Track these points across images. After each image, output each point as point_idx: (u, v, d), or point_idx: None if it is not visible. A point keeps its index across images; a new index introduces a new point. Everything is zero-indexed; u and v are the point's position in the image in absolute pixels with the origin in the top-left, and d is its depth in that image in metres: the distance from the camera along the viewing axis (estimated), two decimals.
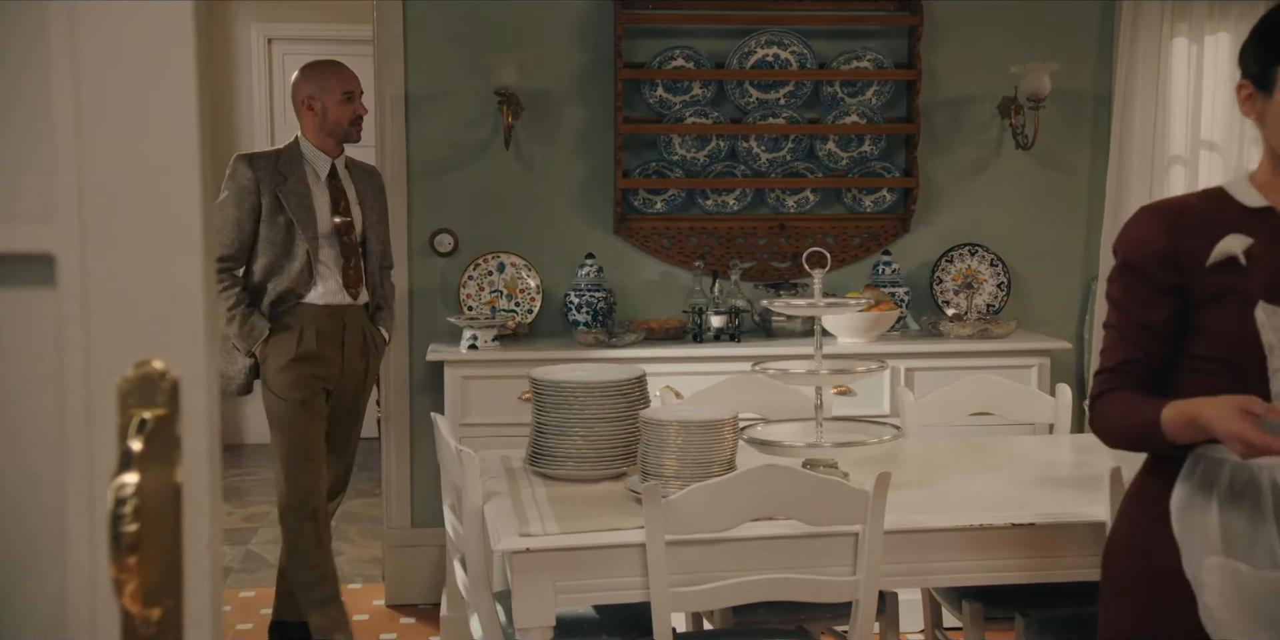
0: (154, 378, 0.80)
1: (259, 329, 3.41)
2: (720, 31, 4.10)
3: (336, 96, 3.45)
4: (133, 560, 0.79)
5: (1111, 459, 2.45)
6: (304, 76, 3.50)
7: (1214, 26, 4.14)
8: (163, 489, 0.81)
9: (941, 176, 4.19)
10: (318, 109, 3.44)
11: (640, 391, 2.51)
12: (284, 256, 3.39)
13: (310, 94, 3.45)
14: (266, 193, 3.36)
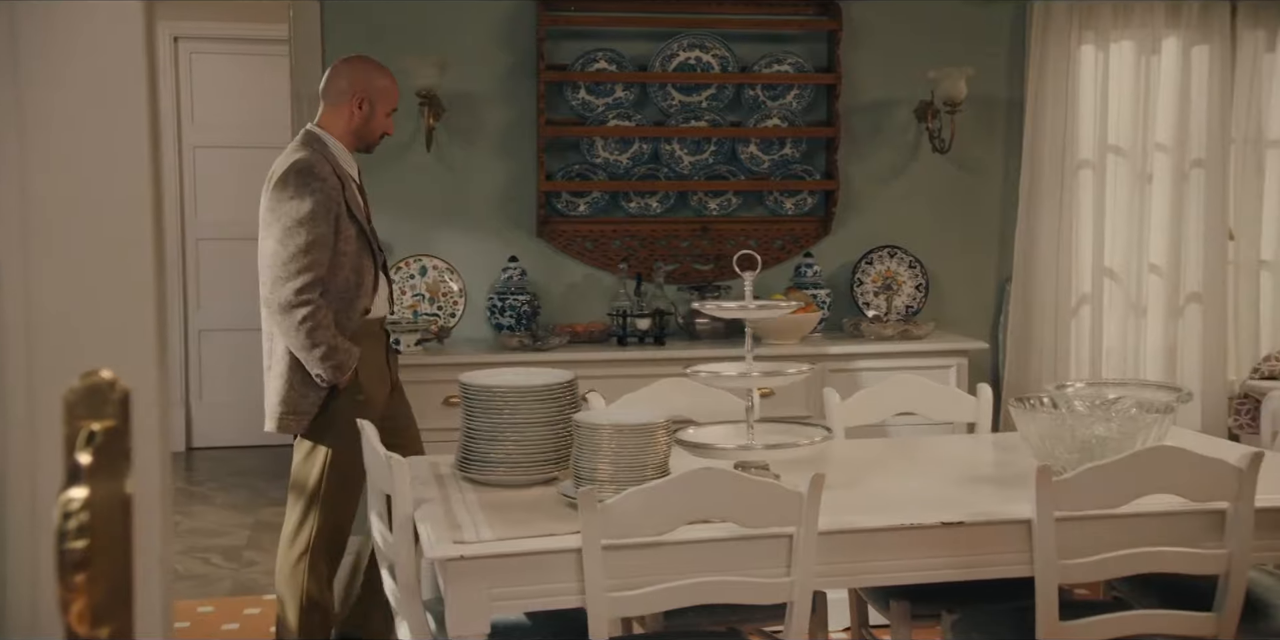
0: (102, 388, 0.77)
1: (353, 356, 3.00)
2: (643, 34, 4.10)
3: (387, 108, 3.15)
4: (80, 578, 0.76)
5: (1034, 457, 2.50)
6: (366, 72, 3.13)
7: (1118, 34, 4.26)
8: (112, 503, 0.78)
9: (861, 179, 4.25)
10: (364, 112, 3.10)
11: (571, 395, 2.49)
12: (354, 272, 3.01)
13: (368, 95, 3.10)
14: (338, 197, 2.98)
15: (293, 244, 2.92)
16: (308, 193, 2.93)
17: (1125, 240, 4.30)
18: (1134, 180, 4.29)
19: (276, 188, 2.98)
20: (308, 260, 2.92)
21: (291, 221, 2.93)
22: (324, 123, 3.14)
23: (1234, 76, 4.31)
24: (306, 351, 2.95)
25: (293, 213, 2.93)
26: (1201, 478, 2.20)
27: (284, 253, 2.93)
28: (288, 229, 2.93)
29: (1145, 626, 2.30)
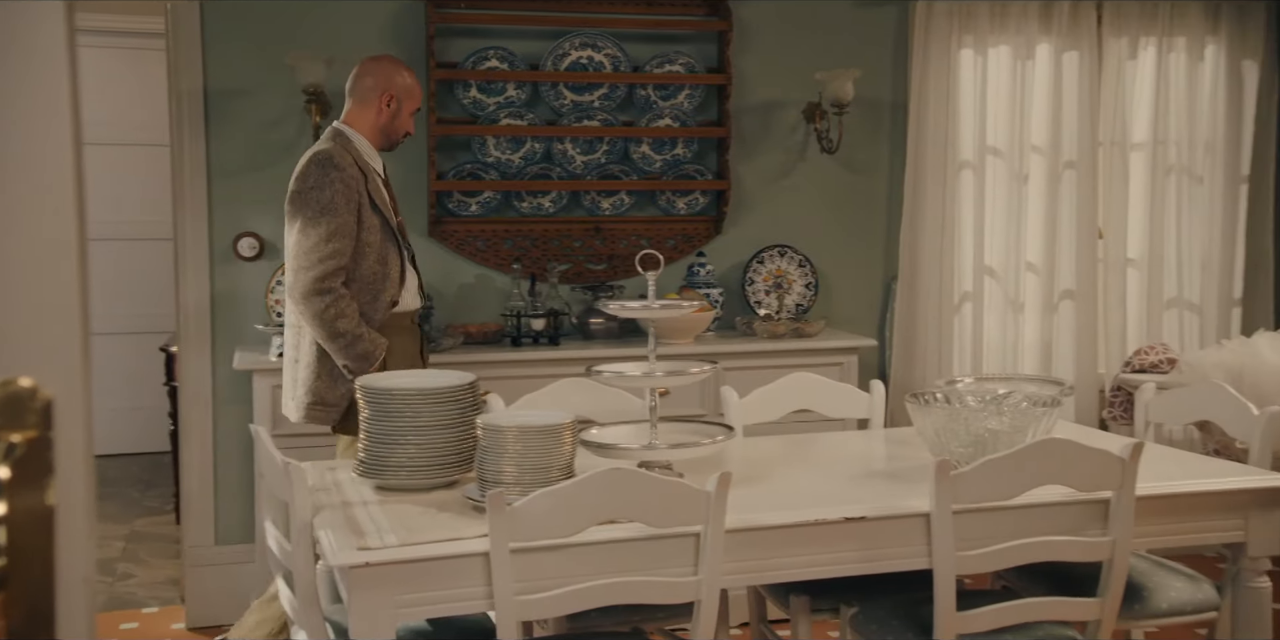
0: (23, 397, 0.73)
1: (379, 347, 3.00)
2: (534, 33, 4.08)
3: (412, 107, 3.20)
4: None
5: (929, 452, 2.57)
6: (394, 70, 3.18)
7: (995, 40, 4.39)
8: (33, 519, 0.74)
9: (752, 179, 4.30)
10: (391, 109, 3.15)
11: (473, 397, 2.46)
12: (379, 262, 3.02)
13: (396, 93, 3.15)
14: (361, 189, 3.01)
15: (314, 233, 2.95)
16: (327, 183, 2.96)
17: (1004, 239, 4.44)
18: (1011, 181, 4.43)
19: (298, 179, 3.02)
20: (329, 249, 2.94)
21: (313, 211, 2.96)
22: (350, 119, 3.17)
23: (1101, 82, 4.49)
24: (330, 341, 2.97)
25: (314, 202, 2.96)
26: (1088, 468, 2.29)
27: (306, 242, 2.96)
28: (310, 218, 2.96)
29: (1036, 613, 2.37)
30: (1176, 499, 2.45)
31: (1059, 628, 2.46)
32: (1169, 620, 2.69)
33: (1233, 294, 4.65)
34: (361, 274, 3.02)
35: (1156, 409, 3.02)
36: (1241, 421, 2.78)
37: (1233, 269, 4.63)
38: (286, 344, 3.17)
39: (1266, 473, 2.58)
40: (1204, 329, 4.62)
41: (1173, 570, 2.81)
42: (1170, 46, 4.52)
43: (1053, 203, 4.45)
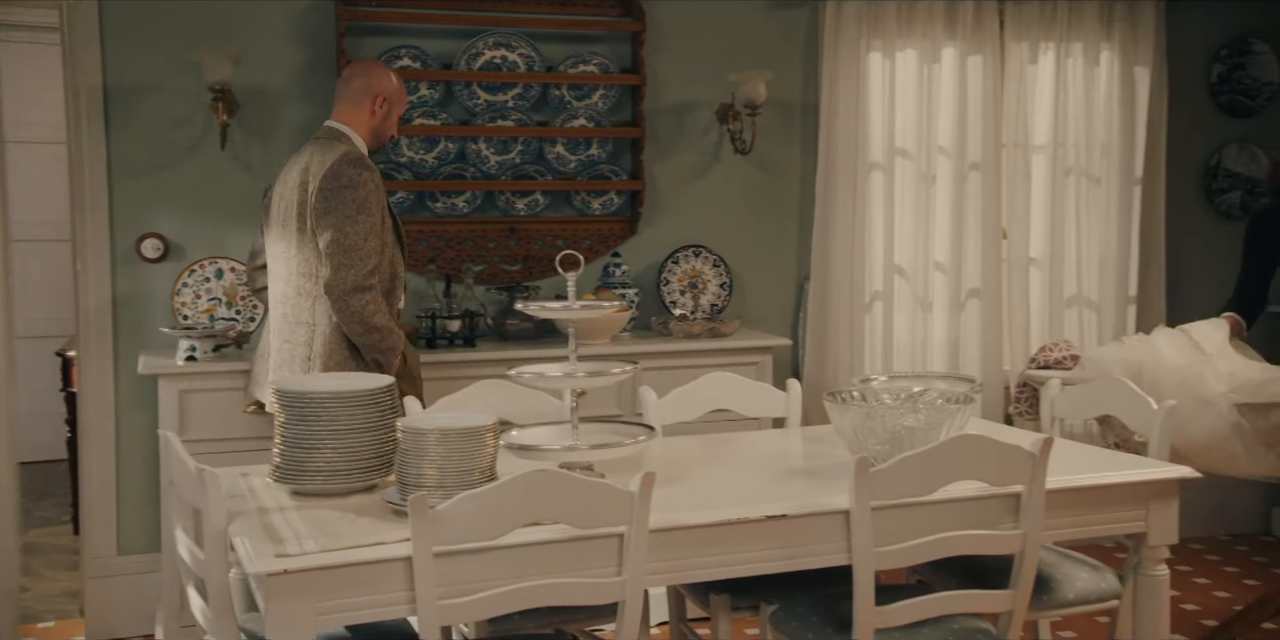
0: None
1: (402, 339, 3.13)
2: (447, 32, 4.05)
3: (400, 111, 3.29)
4: None
5: (846, 449, 2.61)
6: (383, 73, 3.25)
7: (903, 43, 4.47)
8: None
9: (666, 180, 4.32)
10: (382, 112, 3.22)
11: (391, 400, 2.43)
12: (393, 262, 3.12)
13: (388, 96, 3.23)
14: (384, 192, 3.11)
15: (353, 231, 3.01)
16: (360, 182, 3.03)
17: (912, 239, 4.52)
18: (919, 182, 4.51)
19: (329, 177, 3.04)
20: (369, 246, 3.02)
21: (351, 208, 3.01)
22: (345, 120, 3.22)
23: (1003, 86, 4.60)
24: (366, 335, 3.04)
25: (349, 200, 3.01)
26: (1001, 464, 2.34)
27: (345, 240, 3.01)
28: (348, 216, 3.01)
29: (951, 607, 2.42)
30: (1083, 492, 2.52)
31: (972, 620, 2.52)
32: (1075, 609, 2.77)
33: (1128, 292, 4.80)
34: (381, 273, 3.09)
35: (1061, 404, 3.10)
36: (1141, 416, 2.88)
37: (1128, 268, 4.78)
38: (275, 336, 3.17)
39: (1165, 465, 2.67)
40: (1102, 326, 4.76)
41: (1078, 561, 2.89)
42: (1068, 52, 4.64)
43: (959, 203, 4.54)
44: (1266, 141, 4.99)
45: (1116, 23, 4.66)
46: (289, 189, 3.15)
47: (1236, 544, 4.95)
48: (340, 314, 3.03)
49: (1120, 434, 3.43)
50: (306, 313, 3.11)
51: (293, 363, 3.12)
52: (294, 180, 3.14)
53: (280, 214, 3.18)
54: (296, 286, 3.12)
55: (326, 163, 3.07)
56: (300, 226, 3.09)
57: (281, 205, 3.18)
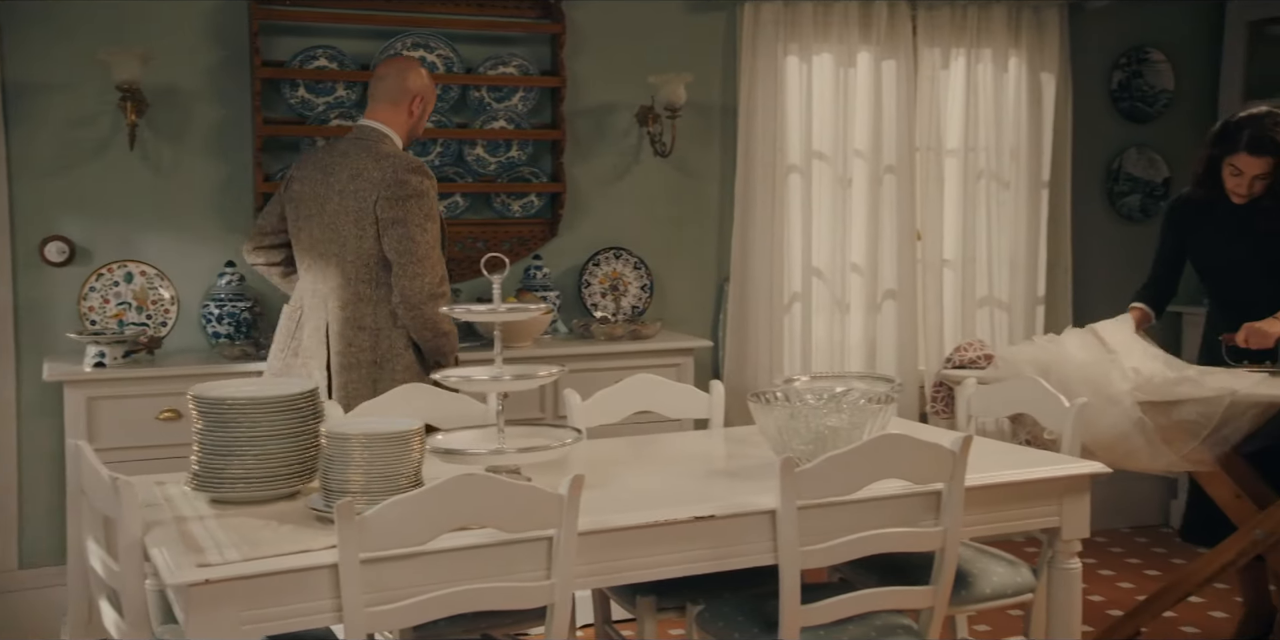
0: None
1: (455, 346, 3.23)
2: (365, 32, 4.00)
3: (430, 110, 3.30)
4: None
5: (771, 450, 2.63)
6: (420, 72, 3.26)
7: (819, 47, 4.53)
8: None
9: (586, 182, 4.32)
10: (419, 112, 3.24)
11: (314, 405, 2.40)
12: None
13: (424, 96, 3.25)
14: None
15: (424, 240, 3.06)
16: (425, 190, 3.08)
17: (830, 241, 4.58)
18: (835, 184, 4.58)
19: (396, 186, 3.06)
20: (437, 254, 3.09)
21: (420, 217, 3.06)
22: (385, 120, 3.21)
23: (916, 90, 4.68)
24: (436, 338, 3.12)
25: (418, 209, 3.06)
26: (922, 462, 2.39)
27: (418, 249, 3.06)
28: (418, 225, 3.06)
29: (875, 604, 2.46)
30: (1001, 488, 2.58)
31: (894, 616, 2.56)
32: (992, 603, 2.83)
33: (1037, 292, 4.92)
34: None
35: (977, 403, 3.17)
36: (1054, 413, 2.95)
37: (1036, 269, 4.90)
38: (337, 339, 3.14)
39: (1078, 461, 2.74)
40: (1012, 326, 4.88)
41: (993, 556, 2.96)
42: (978, 57, 4.75)
43: (875, 206, 4.62)
44: (1163, 146, 5.16)
45: (1023, 30, 4.78)
46: (336, 192, 3.12)
47: (1137, 536, 5.11)
48: (413, 320, 3.08)
49: (1031, 431, 3.51)
50: (369, 318, 3.13)
51: (360, 367, 3.13)
52: (344, 184, 3.11)
53: (328, 217, 3.14)
54: (356, 292, 3.11)
55: (386, 169, 3.07)
56: (359, 232, 3.08)
57: (328, 208, 3.13)
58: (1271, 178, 3.34)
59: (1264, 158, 3.32)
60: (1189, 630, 3.97)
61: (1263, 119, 3.35)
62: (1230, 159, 3.39)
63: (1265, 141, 3.30)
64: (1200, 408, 3.17)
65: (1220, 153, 3.42)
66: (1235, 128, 3.39)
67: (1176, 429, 3.19)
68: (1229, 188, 3.44)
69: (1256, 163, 3.33)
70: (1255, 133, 3.32)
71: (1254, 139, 3.32)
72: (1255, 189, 3.39)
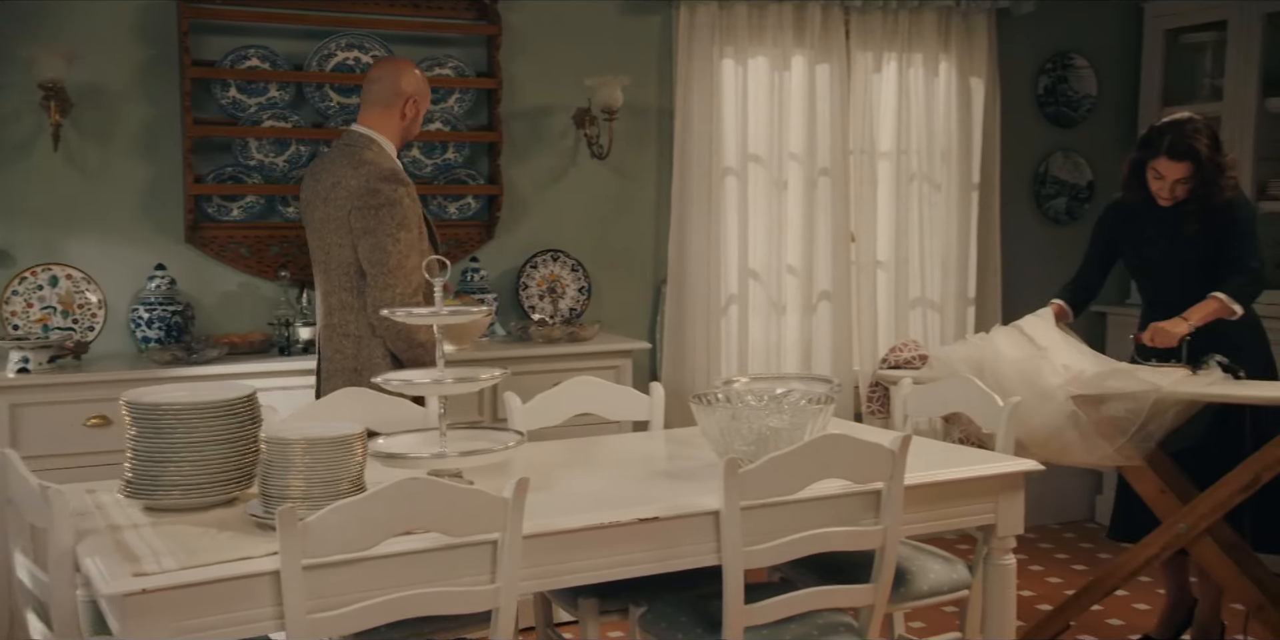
0: None
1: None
2: (297, 32, 3.95)
3: (425, 109, 3.27)
4: None
5: (713, 451, 2.65)
6: (413, 73, 3.23)
7: (754, 51, 4.56)
8: None
9: (524, 184, 4.30)
10: (412, 114, 3.20)
11: (252, 410, 2.36)
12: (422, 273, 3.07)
13: (417, 97, 3.21)
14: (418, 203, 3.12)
15: (395, 250, 3.03)
16: (398, 198, 3.03)
17: (765, 243, 4.62)
18: (771, 187, 4.61)
19: (367, 196, 3.03)
20: (410, 264, 3.04)
21: (391, 226, 3.02)
22: (375, 124, 3.18)
23: (850, 93, 4.74)
24: (412, 351, 3.09)
25: (389, 218, 3.02)
26: (863, 461, 2.42)
27: (389, 260, 3.03)
28: (389, 234, 3.02)
29: (817, 602, 2.48)
30: (939, 487, 2.62)
31: (835, 614, 2.58)
32: (930, 600, 2.88)
33: (967, 293, 5.01)
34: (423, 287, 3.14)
35: (914, 403, 3.21)
36: (988, 412, 3.00)
37: (967, 270, 4.99)
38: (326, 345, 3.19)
39: (1013, 458, 2.79)
40: (944, 326, 4.96)
41: (930, 554, 3.00)
42: (909, 62, 4.81)
43: (809, 208, 4.66)
44: (1088, 150, 5.27)
45: (953, 35, 4.86)
46: (321, 200, 3.14)
47: (1065, 532, 5.21)
48: (387, 331, 3.07)
49: (966, 429, 3.57)
50: (352, 325, 3.14)
51: (342, 374, 3.14)
52: (327, 192, 3.12)
53: (315, 224, 3.17)
54: (340, 299, 3.11)
55: (361, 177, 3.05)
56: (339, 241, 3.09)
57: (316, 215, 3.17)
58: (1193, 182, 3.43)
59: (1183, 162, 3.41)
60: (1114, 622, 4.07)
61: (1184, 125, 3.44)
62: (1152, 163, 3.47)
63: (1184, 147, 3.39)
64: (1128, 404, 3.25)
65: (1143, 157, 3.51)
66: (1158, 133, 3.48)
67: (1106, 424, 3.27)
68: (1153, 191, 3.53)
69: (1176, 167, 3.42)
70: (1175, 138, 3.41)
71: (1174, 144, 3.41)
72: (1178, 193, 3.48)
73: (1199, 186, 3.44)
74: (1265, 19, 4.66)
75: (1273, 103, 4.68)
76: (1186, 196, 3.48)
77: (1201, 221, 3.48)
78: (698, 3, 4.40)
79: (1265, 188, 4.77)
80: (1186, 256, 3.56)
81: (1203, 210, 3.47)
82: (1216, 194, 3.43)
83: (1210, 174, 3.41)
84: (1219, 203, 3.44)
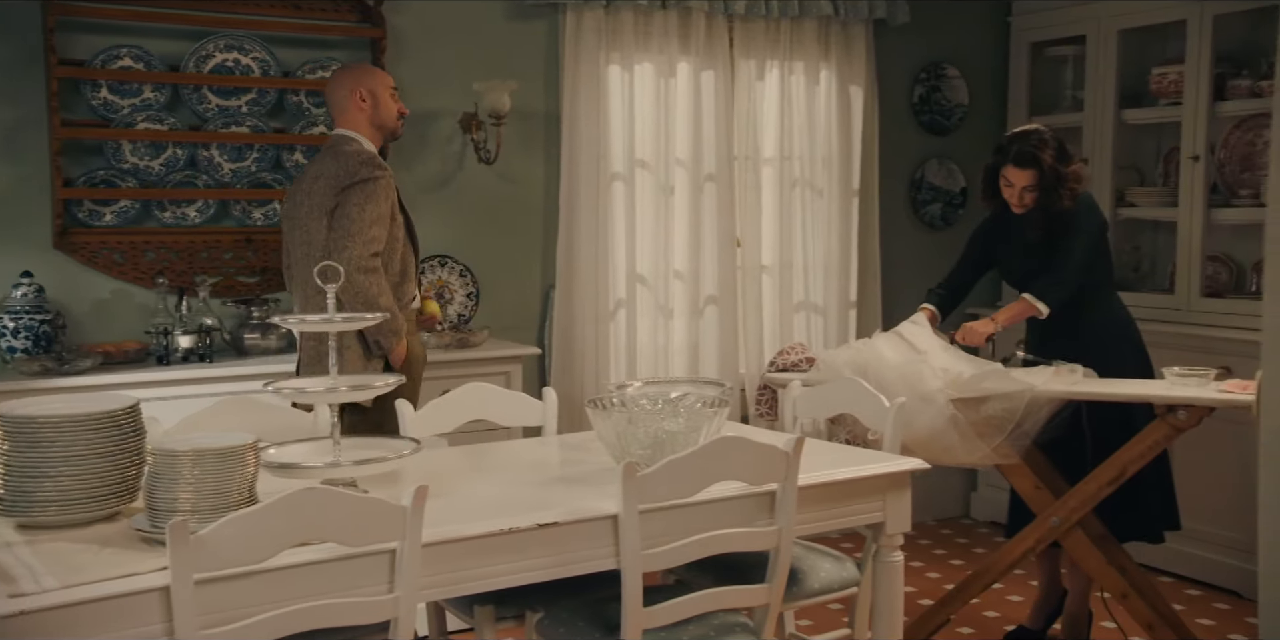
0: None
1: (403, 323, 3.27)
2: (174, 32, 3.84)
3: (386, 89, 3.37)
4: None
5: (609, 455, 2.65)
6: (348, 73, 3.38)
7: (640, 57, 4.59)
8: None
9: (411, 189, 4.24)
10: (370, 102, 3.34)
11: (134, 422, 2.28)
12: (401, 261, 3.30)
13: (365, 85, 3.34)
14: (394, 190, 3.27)
15: (361, 218, 3.17)
16: (372, 177, 3.20)
17: (653, 248, 4.65)
18: (658, 192, 4.65)
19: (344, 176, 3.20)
20: (373, 232, 3.17)
21: (360, 198, 3.18)
22: (346, 124, 3.36)
23: (734, 100, 4.80)
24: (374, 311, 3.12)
25: (358, 192, 3.18)
26: (759, 463, 2.45)
27: (352, 226, 3.17)
28: (357, 204, 3.18)
29: (715, 603, 2.51)
30: (830, 487, 2.67)
31: (731, 615, 2.62)
32: (821, 598, 2.93)
33: (849, 297, 5.12)
34: (391, 268, 3.27)
35: (803, 405, 3.27)
36: (875, 413, 3.08)
37: (848, 274, 5.10)
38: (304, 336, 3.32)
39: (901, 458, 2.86)
40: (827, 329, 5.06)
41: (820, 553, 3.06)
42: (791, 70, 4.91)
43: (696, 213, 4.71)
44: (961, 158, 5.44)
45: (833, 44, 4.97)
46: (305, 194, 3.29)
47: (942, 528, 5.36)
48: (345, 293, 3.11)
49: (852, 430, 3.65)
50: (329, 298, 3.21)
51: (321, 360, 3.23)
52: (309, 185, 3.28)
53: (300, 218, 3.30)
54: (318, 287, 3.02)
55: (342, 163, 3.23)
56: (320, 227, 3.23)
57: (300, 211, 3.31)
58: (1038, 190, 3.59)
59: (1028, 170, 3.58)
60: (990, 614, 4.20)
61: (1029, 135, 3.62)
62: (1003, 170, 3.64)
63: (1028, 155, 3.56)
64: (1004, 403, 3.36)
65: (995, 164, 3.68)
66: (1007, 142, 3.66)
67: (985, 424, 3.38)
68: (1005, 198, 3.68)
69: (1022, 174, 3.59)
70: (1021, 147, 3.58)
71: (1019, 153, 3.58)
72: (1026, 200, 3.64)
73: (1042, 194, 3.60)
74: (1120, 35, 4.87)
75: (1129, 114, 4.89)
76: (1033, 204, 3.64)
77: (1044, 227, 3.65)
78: (584, 8, 4.41)
79: (1123, 196, 4.98)
80: (1031, 262, 3.71)
81: (1045, 217, 3.63)
82: (1056, 201, 3.60)
83: (1051, 182, 3.58)
84: (1059, 210, 3.61)
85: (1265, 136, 4.50)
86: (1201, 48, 4.53)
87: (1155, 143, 5.07)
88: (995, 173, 3.69)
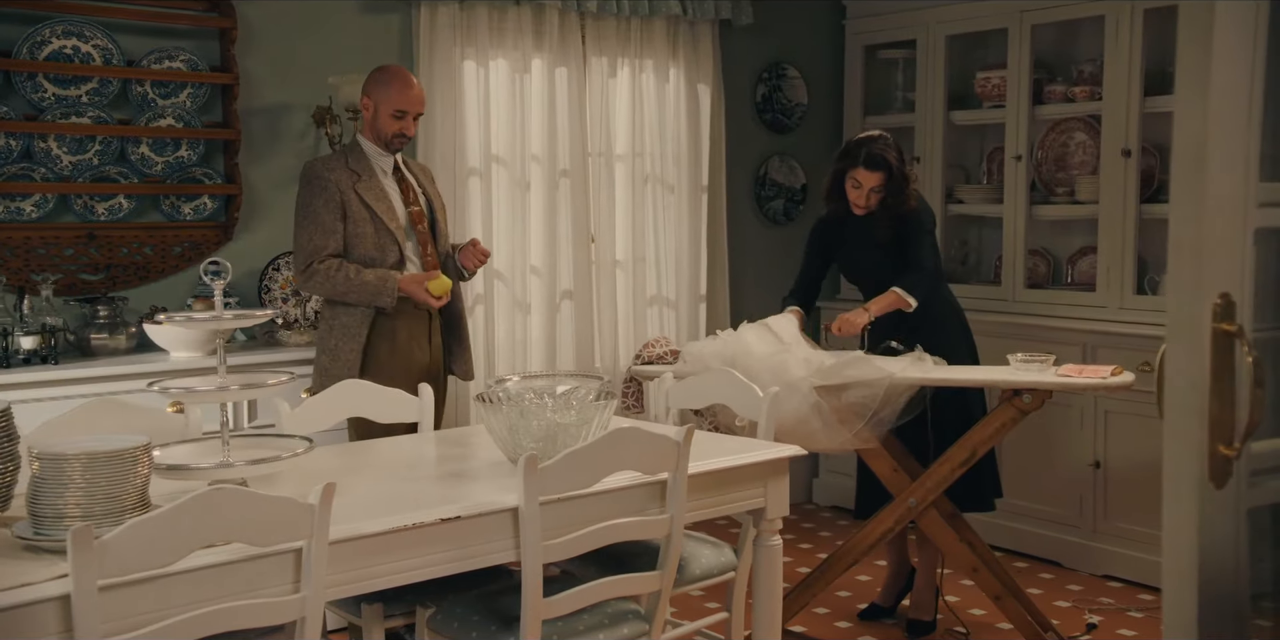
0: None
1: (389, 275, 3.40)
2: (6, 16, 3.62)
3: (389, 109, 3.49)
4: None
5: (499, 449, 2.66)
6: (373, 78, 3.53)
7: (495, 53, 4.58)
8: None
9: (263, 184, 4.13)
10: (371, 111, 3.50)
11: (6, 426, 2.17)
12: (374, 249, 3.44)
13: (368, 96, 3.50)
14: (346, 190, 3.42)
15: (301, 235, 3.44)
16: (309, 193, 3.43)
17: (509, 243, 4.65)
18: (514, 188, 4.65)
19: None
20: (311, 246, 3.40)
21: (300, 216, 3.44)
22: (358, 127, 3.65)
23: (587, 97, 4.84)
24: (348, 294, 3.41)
25: (300, 208, 3.45)
26: (652, 453, 2.50)
27: (295, 244, 3.47)
28: (298, 222, 3.45)
29: (610, 592, 2.55)
30: (717, 474, 2.75)
31: (623, 603, 2.66)
32: (703, 583, 3.01)
33: (699, 291, 5.23)
34: (355, 261, 3.43)
35: (675, 396, 3.34)
36: (748, 402, 3.17)
37: (699, 268, 5.21)
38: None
39: (781, 445, 2.96)
40: (680, 323, 5.16)
41: (699, 540, 3.14)
42: (642, 68, 4.98)
43: (551, 209, 4.73)
44: (801, 155, 5.63)
45: (681, 44, 5.06)
46: None
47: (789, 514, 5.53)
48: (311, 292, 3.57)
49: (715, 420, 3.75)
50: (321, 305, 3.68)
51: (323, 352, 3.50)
52: None
53: None
54: None
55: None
56: None
57: None
58: (884, 191, 3.80)
59: (877, 172, 3.78)
60: (843, 595, 4.37)
61: (877, 140, 3.84)
62: (851, 173, 3.83)
63: (878, 158, 3.77)
64: (864, 390, 3.51)
65: (843, 167, 3.86)
66: (855, 146, 3.85)
67: (847, 411, 3.52)
68: (851, 200, 3.86)
69: (872, 176, 3.79)
70: (870, 150, 3.79)
71: (869, 156, 3.78)
72: (871, 201, 3.83)
73: (889, 195, 3.80)
74: (948, 41, 5.13)
75: (957, 116, 5.16)
76: (878, 205, 3.83)
77: (891, 226, 3.85)
78: (438, 3, 4.37)
79: (952, 192, 5.25)
80: (881, 259, 3.91)
81: (891, 217, 3.83)
82: (903, 201, 3.82)
83: (899, 183, 3.79)
84: (904, 210, 3.82)
85: (1078, 138, 4.84)
86: (1021, 54, 4.82)
87: (980, 143, 5.36)
88: (842, 175, 3.86)
